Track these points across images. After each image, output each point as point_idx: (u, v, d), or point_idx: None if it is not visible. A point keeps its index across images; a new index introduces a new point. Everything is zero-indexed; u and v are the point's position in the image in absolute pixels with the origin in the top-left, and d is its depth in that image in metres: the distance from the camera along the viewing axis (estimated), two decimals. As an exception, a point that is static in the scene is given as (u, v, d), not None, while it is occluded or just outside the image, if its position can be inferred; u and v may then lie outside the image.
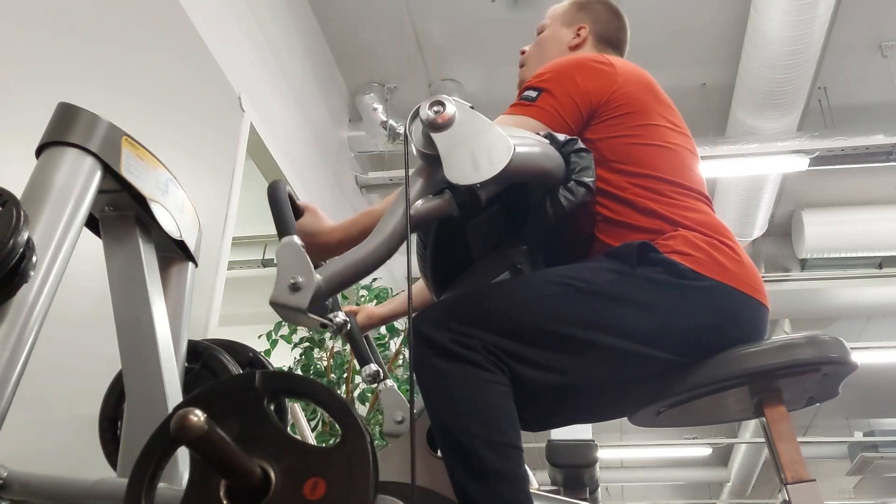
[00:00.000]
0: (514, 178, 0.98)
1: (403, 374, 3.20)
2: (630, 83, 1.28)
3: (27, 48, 1.77)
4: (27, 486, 0.96)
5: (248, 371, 0.81)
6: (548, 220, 1.08)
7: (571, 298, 1.08)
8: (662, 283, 1.09)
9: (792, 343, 1.10)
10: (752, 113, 4.19)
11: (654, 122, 1.27)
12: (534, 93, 1.24)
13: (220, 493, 0.75)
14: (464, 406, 0.99)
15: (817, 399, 1.18)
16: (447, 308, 1.09)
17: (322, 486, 0.74)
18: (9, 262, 0.84)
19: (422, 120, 0.97)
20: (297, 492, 0.74)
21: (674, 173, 1.23)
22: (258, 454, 0.76)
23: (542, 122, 1.21)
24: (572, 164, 1.08)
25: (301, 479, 0.75)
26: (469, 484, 0.96)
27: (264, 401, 0.80)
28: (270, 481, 0.75)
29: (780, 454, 1.06)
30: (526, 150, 1.00)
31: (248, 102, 3.02)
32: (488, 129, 0.96)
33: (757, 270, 1.18)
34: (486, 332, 1.04)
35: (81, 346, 1.75)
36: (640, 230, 1.17)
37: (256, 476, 0.74)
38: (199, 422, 0.67)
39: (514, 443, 0.99)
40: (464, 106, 0.98)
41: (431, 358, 1.02)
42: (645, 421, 1.26)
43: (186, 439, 0.67)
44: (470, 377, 1.01)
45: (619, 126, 1.24)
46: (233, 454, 0.71)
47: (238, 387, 0.82)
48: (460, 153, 0.94)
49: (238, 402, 0.79)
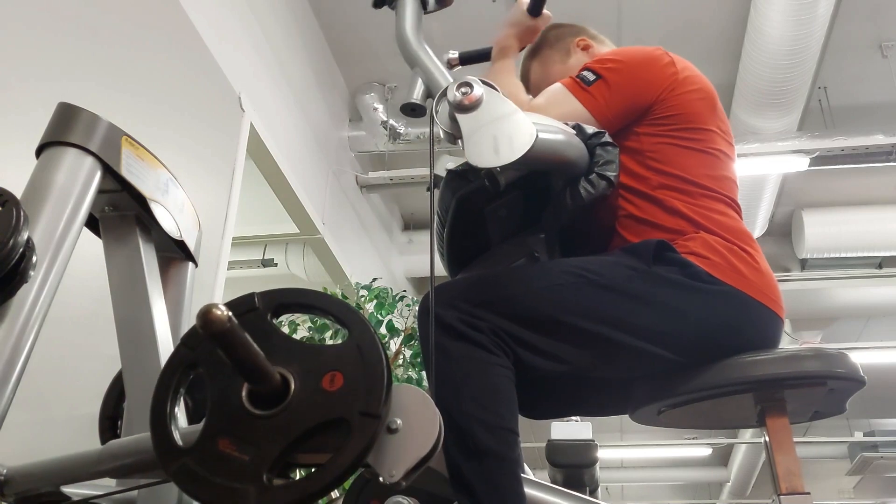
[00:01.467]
0: (534, 164, 0.98)
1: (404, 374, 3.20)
2: (689, 86, 1.27)
3: (27, 48, 1.77)
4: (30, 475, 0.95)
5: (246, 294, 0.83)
6: (566, 209, 1.09)
7: (584, 290, 1.08)
8: (676, 283, 1.09)
9: (798, 355, 1.10)
10: (753, 113, 4.19)
11: (704, 127, 1.26)
12: (591, 76, 1.24)
13: (243, 400, 0.77)
14: (465, 385, 1.00)
15: (823, 414, 1.18)
16: (459, 288, 1.09)
17: (339, 377, 0.77)
18: (9, 262, 0.84)
19: (449, 101, 0.97)
20: (317, 386, 0.77)
21: (706, 177, 1.22)
22: (273, 362, 0.78)
23: (586, 109, 1.21)
24: (597, 157, 1.08)
25: (318, 375, 0.78)
26: (462, 463, 0.96)
27: (268, 316, 0.83)
28: (289, 383, 0.78)
29: (778, 464, 1.06)
30: (549, 137, 1.00)
31: (248, 102, 3.02)
32: (513, 113, 0.96)
33: (775, 280, 1.17)
34: (495, 315, 1.04)
35: (81, 345, 1.75)
36: (662, 229, 1.17)
37: (276, 379, 0.77)
38: (223, 315, 0.69)
39: (511, 426, 1.00)
40: (491, 89, 0.98)
41: (438, 335, 1.03)
42: (646, 419, 1.26)
43: (213, 331, 0.69)
44: (473, 357, 1.01)
45: (667, 127, 1.24)
46: (255, 353, 0.74)
47: (240, 308, 0.83)
48: (482, 136, 0.95)
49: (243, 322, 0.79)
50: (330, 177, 4.32)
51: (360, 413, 0.75)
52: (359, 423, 0.74)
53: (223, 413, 0.78)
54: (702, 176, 1.22)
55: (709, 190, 1.21)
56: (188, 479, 0.75)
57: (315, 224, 3.91)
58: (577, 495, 1.16)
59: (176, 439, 0.78)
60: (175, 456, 0.77)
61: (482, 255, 1.31)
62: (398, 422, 0.77)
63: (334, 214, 4.29)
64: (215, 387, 0.80)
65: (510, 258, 1.31)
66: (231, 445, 0.75)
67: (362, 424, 0.74)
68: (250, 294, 0.84)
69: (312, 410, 0.76)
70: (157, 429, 0.79)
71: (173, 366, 0.83)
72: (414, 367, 3.22)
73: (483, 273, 1.17)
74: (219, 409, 0.79)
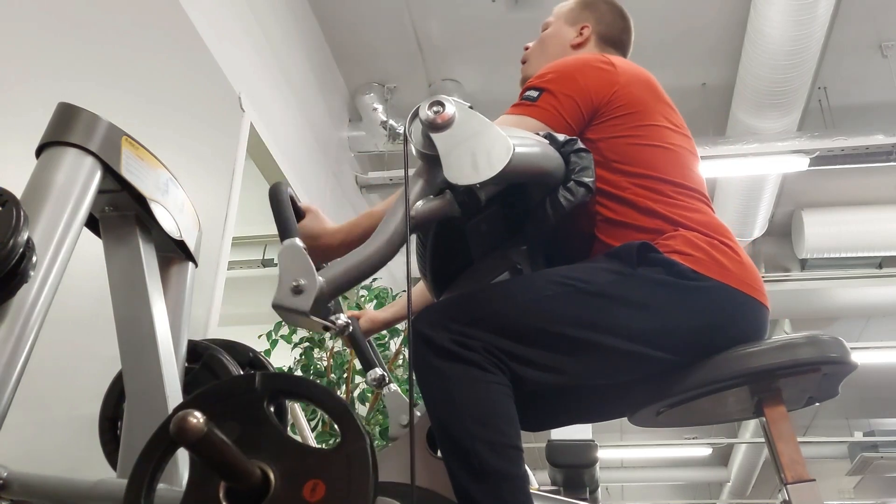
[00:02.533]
0: (513, 178, 0.98)
1: (403, 373, 3.20)
2: (632, 83, 1.28)
3: (27, 48, 1.77)
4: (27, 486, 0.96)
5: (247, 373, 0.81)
6: (548, 220, 1.08)
7: (572, 299, 1.08)
8: (663, 283, 1.09)
9: (792, 343, 1.10)
10: (752, 113, 4.19)
11: (655, 123, 1.27)
12: (535, 93, 1.24)
13: (220, 494, 0.76)
14: (464, 406, 0.99)
15: (817, 399, 1.18)
16: (447, 308, 1.09)
17: (322, 487, 0.74)
18: (9, 262, 0.84)
19: (421, 120, 0.96)
20: (297, 494, 0.74)
21: (674, 174, 1.23)
22: (258, 456, 0.76)
23: (543, 122, 1.21)
24: (572, 164, 1.08)
25: (301, 480, 0.75)
26: (469, 484, 0.96)
27: (264, 402, 0.80)
28: (270, 483, 0.75)
29: (781, 454, 1.06)
30: (525, 150, 0.99)
31: (248, 102, 3.02)
32: (488, 129, 0.96)
33: (757, 271, 1.18)
34: (486, 333, 1.03)
35: (81, 346, 1.75)
36: (641, 230, 1.17)
37: (256, 477, 0.74)
38: (199, 424, 0.67)
39: (515, 443, 0.99)
40: (463, 106, 0.97)
41: (431, 358, 1.02)
42: (645, 421, 1.26)
43: (186, 441, 0.67)
44: (470, 377, 1.01)
45: (620, 126, 1.24)
46: (232, 456, 0.72)
47: (238, 388, 0.82)
48: (460, 153, 0.94)
49: (238, 403, 0.79)
50: (330, 177, 4.32)
51: None
52: None
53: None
54: (669, 172, 1.23)
55: (678, 186, 1.22)
56: None
57: (315, 224, 3.91)
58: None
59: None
60: None
61: (465, 272, 1.31)
62: None
63: (334, 214, 4.28)
64: (195, 471, 0.79)
65: (493, 273, 1.30)
66: None
67: None
68: (252, 375, 0.82)
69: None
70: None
71: (153, 448, 0.81)
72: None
73: (470, 291, 1.16)
74: (195, 499, 0.77)
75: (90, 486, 0.95)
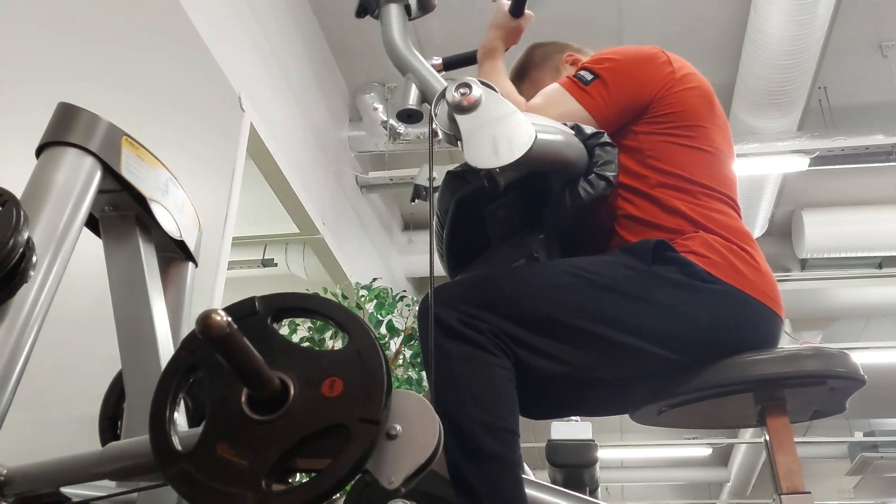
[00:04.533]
0: (533, 165, 0.98)
1: (404, 374, 3.20)
2: (686, 85, 1.27)
3: (27, 48, 1.77)
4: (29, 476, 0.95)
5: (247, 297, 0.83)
6: (566, 210, 1.08)
7: (584, 291, 1.08)
8: (676, 282, 1.09)
9: (799, 354, 1.10)
10: (753, 113, 4.19)
11: (700, 124, 1.26)
12: (589, 76, 1.23)
13: (243, 404, 0.77)
14: (465, 387, 1.00)
15: (823, 413, 1.18)
16: (459, 289, 1.09)
17: (339, 383, 0.77)
18: (9, 262, 0.84)
19: (447, 101, 0.97)
20: (317, 392, 0.77)
21: (705, 176, 1.22)
22: (273, 366, 0.78)
23: (585, 109, 1.21)
24: (595, 157, 1.08)
25: (318, 380, 0.77)
26: (463, 464, 0.96)
27: (268, 320, 0.82)
28: (289, 388, 0.77)
29: (778, 464, 1.06)
30: (548, 137, 0.99)
31: (248, 102, 3.02)
32: (512, 114, 0.96)
33: (774, 280, 1.17)
34: (495, 316, 1.04)
35: (81, 346, 1.75)
36: (661, 229, 1.17)
37: (275, 384, 0.76)
38: (223, 320, 0.69)
39: (512, 427, 1.00)
40: (490, 90, 0.98)
41: (439, 337, 1.03)
42: (646, 419, 1.26)
43: (212, 337, 0.69)
44: (474, 359, 1.01)
45: (665, 125, 1.24)
46: (254, 357, 0.74)
47: (240, 312, 0.83)
48: (482, 137, 0.94)
49: (243, 325, 0.79)
50: (330, 177, 4.31)
51: (360, 419, 0.74)
52: (358, 430, 0.74)
53: (222, 418, 0.78)
54: (701, 174, 1.22)
55: (708, 189, 1.21)
56: (186, 484, 0.75)
57: (315, 224, 3.91)
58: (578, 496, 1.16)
59: (174, 443, 0.78)
60: (173, 460, 0.77)
61: (481, 256, 1.31)
62: (398, 428, 0.76)
63: (334, 214, 4.29)
64: (214, 391, 0.80)
65: (509, 259, 1.30)
66: (230, 450, 0.75)
67: (361, 430, 0.74)
68: (251, 298, 0.84)
69: (311, 416, 0.76)
70: (155, 433, 0.79)
71: (172, 369, 0.83)
72: (414, 367, 3.22)
73: (483, 274, 1.16)
74: (218, 413, 0.78)
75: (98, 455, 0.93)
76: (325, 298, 0.86)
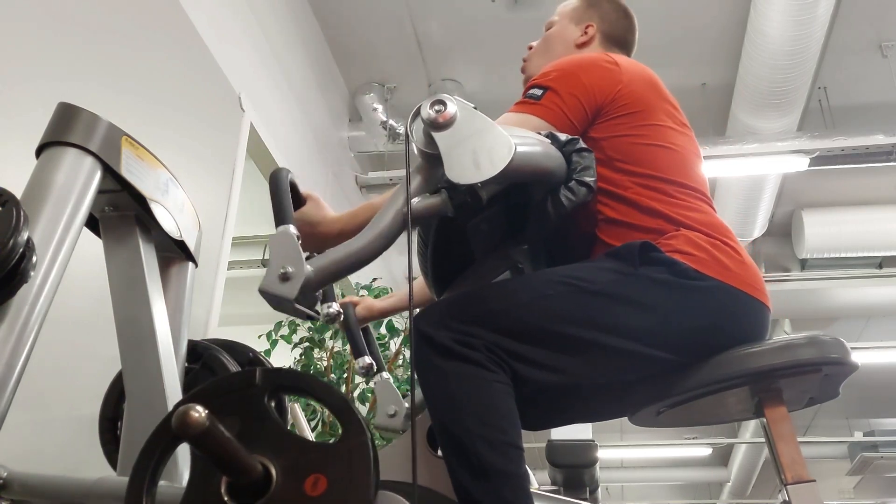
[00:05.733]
0: (515, 177, 0.98)
1: (404, 373, 3.20)
2: (635, 82, 1.28)
3: (27, 48, 1.77)
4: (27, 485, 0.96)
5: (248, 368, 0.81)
6: (549, 219, 1.08)
7: (573, 298, 1.08)
8: (664, 282, 1.09)
9: (793, 343, 1.10)
10: (752, 113, 4.19)
11: (658, 122, 1.27)
12: (539, 91, 1.24)
13: (222, 489, 0.75)
14: (465, 405, 0.99)
15: (818, 399, 1.18)
16: (448, 307, 1.09)
17: (323, 482, 0.74)
18: (9, 262, 0.84)
19: (423, 119, 0.96)
20: (299, 488, 0.74)
21: (676, 173, 1.23)
22: (259, 451, 0.76)
23: (546, 121, 1.21)
24: (573, 164, 1.08)
25: (302, 475, 0.75)
26: (470, 483, 0.96)
27: (265, 397, 0.80)
28: (271, 478, 0.75)
29: (781, 454, 1.06)
30: (527, 149, 0.99)
31: (248, 102, 3.02)
32: (489, 128, 0.96)
33: (758, 271, 1.18)
34: (488, 332, 1.03)
35: (81, 346, 1.75)
36: (642, 230, 1.17)
37: (257, 472, 0.74)
38: (201, 418, 0.67)
39: (515, 442, 0.99)
40: (465, 105, 0.97)
41: (432, 357, 1.02)
42: (645, 421, 1.26)
43: (188, 435, 0.67)
44: (471, 376, 1.01)
45: (623, 125, 1.24)
46: (234, 450, 0.71)
47: (238, 383, 0.81)
48: (461, 152, 0.94)
49: (238, 398, 0.79)
50: (329, 177, 4.32)
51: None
52: None
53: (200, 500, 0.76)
54: (671, 172, 1.23)
55: (680, 186, 1.22)
56: None
57: (315, 224, 3.91)
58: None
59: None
60: None
61: (467, 271, 1.31)
62: None
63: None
64: (196, 467, 0.78)
65: (495, 272, 1.30)
66: None
67: None
68: (252, 370, 0.82)
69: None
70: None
71: (154, 444, 0.80)
72: (414, 368, 3.21)
73: (471, 290, 1.16)
74: (196, 494, 0.77)
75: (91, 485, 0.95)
76: (330, 386, 0.84)
